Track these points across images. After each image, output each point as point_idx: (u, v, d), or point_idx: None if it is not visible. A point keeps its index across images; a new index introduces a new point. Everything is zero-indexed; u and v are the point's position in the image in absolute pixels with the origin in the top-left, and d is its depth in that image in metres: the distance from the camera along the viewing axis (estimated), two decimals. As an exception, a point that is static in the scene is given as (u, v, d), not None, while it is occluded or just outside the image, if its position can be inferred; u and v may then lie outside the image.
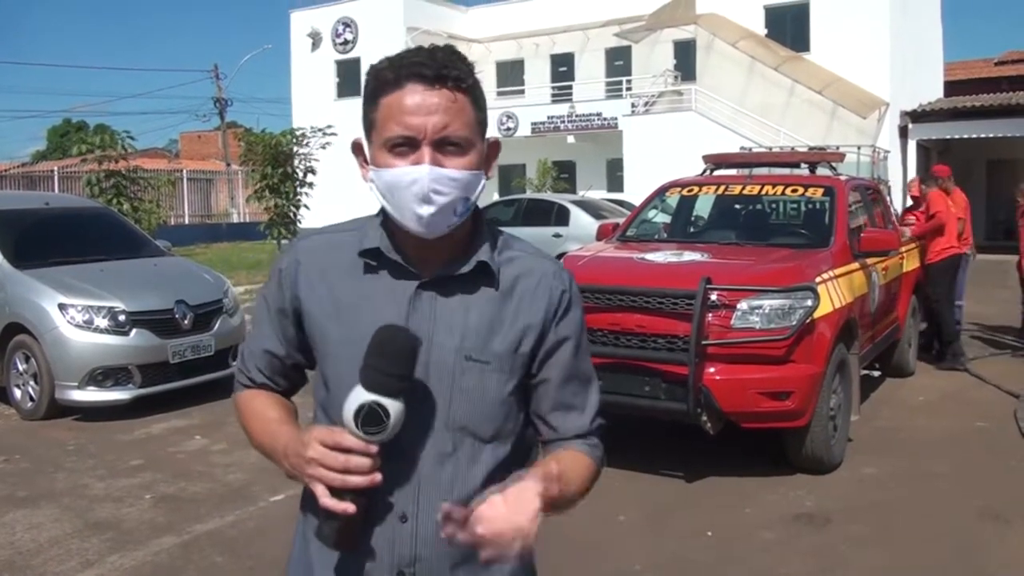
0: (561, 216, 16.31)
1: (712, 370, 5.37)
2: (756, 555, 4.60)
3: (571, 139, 29.06)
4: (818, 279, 5.70)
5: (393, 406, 1.42)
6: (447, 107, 1.47)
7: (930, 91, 26.32)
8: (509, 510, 1.38)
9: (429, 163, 1.46)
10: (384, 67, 1.51)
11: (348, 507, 1.43)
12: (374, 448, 1.43)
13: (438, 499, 1.51)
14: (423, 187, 1.46)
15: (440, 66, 1.48)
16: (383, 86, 1.49)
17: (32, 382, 7.30)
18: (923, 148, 24.38)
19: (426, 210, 1.47)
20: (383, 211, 1.59)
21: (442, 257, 1.57)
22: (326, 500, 1.43)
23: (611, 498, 5.29)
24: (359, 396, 1.42)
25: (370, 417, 1.41)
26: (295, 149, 18.32)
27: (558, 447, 1.66)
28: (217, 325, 7.77)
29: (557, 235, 15.67)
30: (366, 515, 1.48)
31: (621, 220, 8.56)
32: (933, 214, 9.01)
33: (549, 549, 4.53)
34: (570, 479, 1.56)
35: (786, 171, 8.27)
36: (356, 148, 1.60)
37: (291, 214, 18.47)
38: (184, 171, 33.56)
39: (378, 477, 1.43)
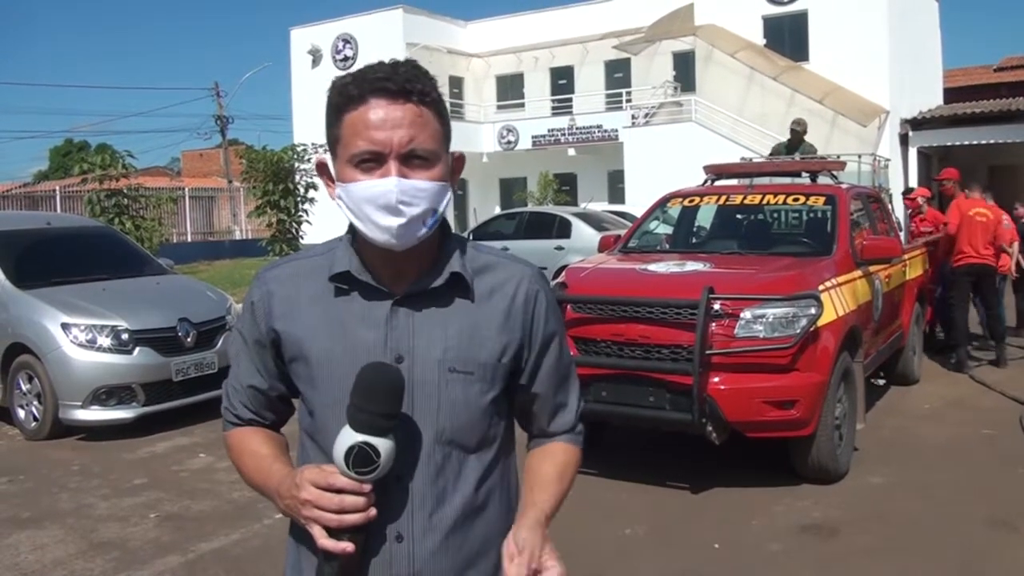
0: (563, 229, 16.29)
1: (716, 380, 5.35)
2: (764, 567, 4.57)
3: (572, 151, 29.10)
4: (821, 287, 5.69)
5: (383, 445, 1.41)
6: (412, 121, 1.47)
7: (930, 98, 26.32)
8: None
9: (396, 175, 1.47)
10: (348, 83, 1.51)
11: (347, 547, 1.43)
12: (367, 487, 1.42)
13: (432, 515, 1.53)
14: (392, 199, 1.46)
15: (404, 80, 1.48)
16: (347, 102, 1.49)
17: (36, 402, 7.30)
18: (924, 155, 24.38)
19: (395, 221, 1.48)
20: (351, 231, 1.59)
21: (414, 272, 1.57)
22: (324, 541, 1.43)
23: (617, 511, 5.27)
24: (348, 437, 1.41)
25: (360, 458, 1.40)
26: (296, 165, 18.34)
27: (545, 442, 1.73)
28: (220, 342, 7.76)
29: (559, 248, 15.65)
30: (364, 550, 1.48)
31: (623, 232, 8.55)
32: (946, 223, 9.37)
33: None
34: (565, 487, 1.66)
35: (787, 180, 8.27)
36: (320, 168, 1.61)
37: (293, 230, 18.48)
38: (186, 189, 33.63)
39: (373, 512, 1.44)
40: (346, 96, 1.49)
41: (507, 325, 1.60)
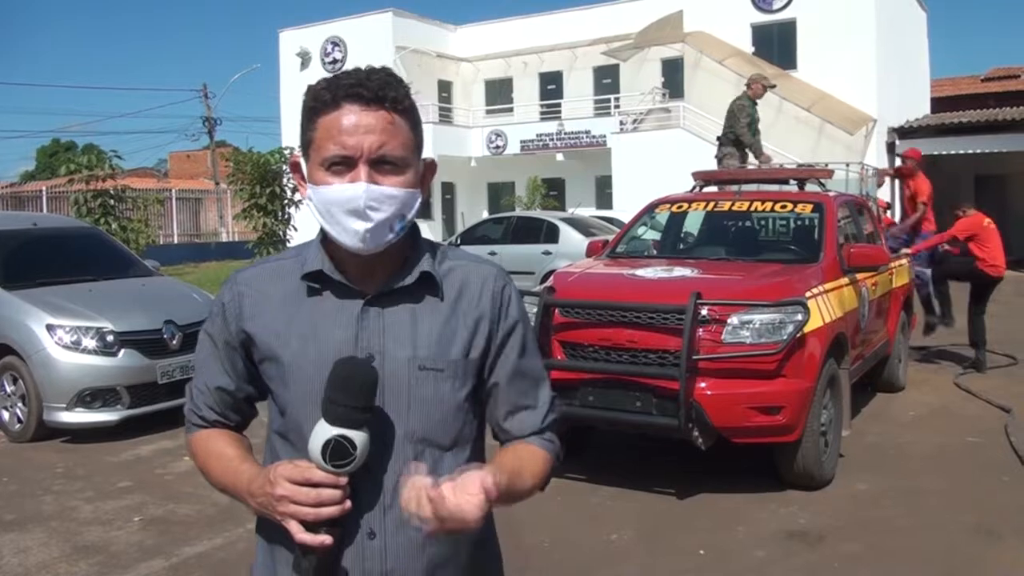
0: (551, 234, 16.29)
1: (703, 385, 5.36)
2: (749, 574, 4.58)
3: (560, 157, 29.16)
4: (808, 294, 5.71)
5: (359, 437, 1.43)
6: (384, 127, 1.51)
7: (917, 107, 26.48)
8: (453, 492, 1.40)
9: (365, 180, 1.50)
10: (322, 87, 1.54)
11: (325, 539, 1.45)
12: (343, 480, 1.44)
13: (405, 513, 1.52)
14: (359, 204, 1.49)
15: (377, 87, 1.51)
16: (321, 106, 1.53)
17: (20, 404, 7.25)
18: (910, 164, 24.47)
19: (362, 226, 1.51)
20: (323, 233, 1.61)
21: (384, 272, 1.60)
22: (302, 536, 1.44)
23: (603, 517, 5.27)
24: (324, 431, 1.43)
25: (337, 451, 1.42)
26: (283, 168, 18.29)
27: (511, 443, 1.70)
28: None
29: (547, 252, 15.66)
30: (341, 543, 1.50)
31: (611, 237, 8.57)
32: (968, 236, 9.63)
33: (541, 569, 4.50)
34: (524, 473, 1.61)
35: (775, 187, 8.30)
36: (294, 167, 1.66)
37: (280, 233, 18.43)
38: (173, 190, 33.55)
39: (349, 504, 1.46)
40: (320, 101, 1.53)
41: (476, 322, 1.63)
